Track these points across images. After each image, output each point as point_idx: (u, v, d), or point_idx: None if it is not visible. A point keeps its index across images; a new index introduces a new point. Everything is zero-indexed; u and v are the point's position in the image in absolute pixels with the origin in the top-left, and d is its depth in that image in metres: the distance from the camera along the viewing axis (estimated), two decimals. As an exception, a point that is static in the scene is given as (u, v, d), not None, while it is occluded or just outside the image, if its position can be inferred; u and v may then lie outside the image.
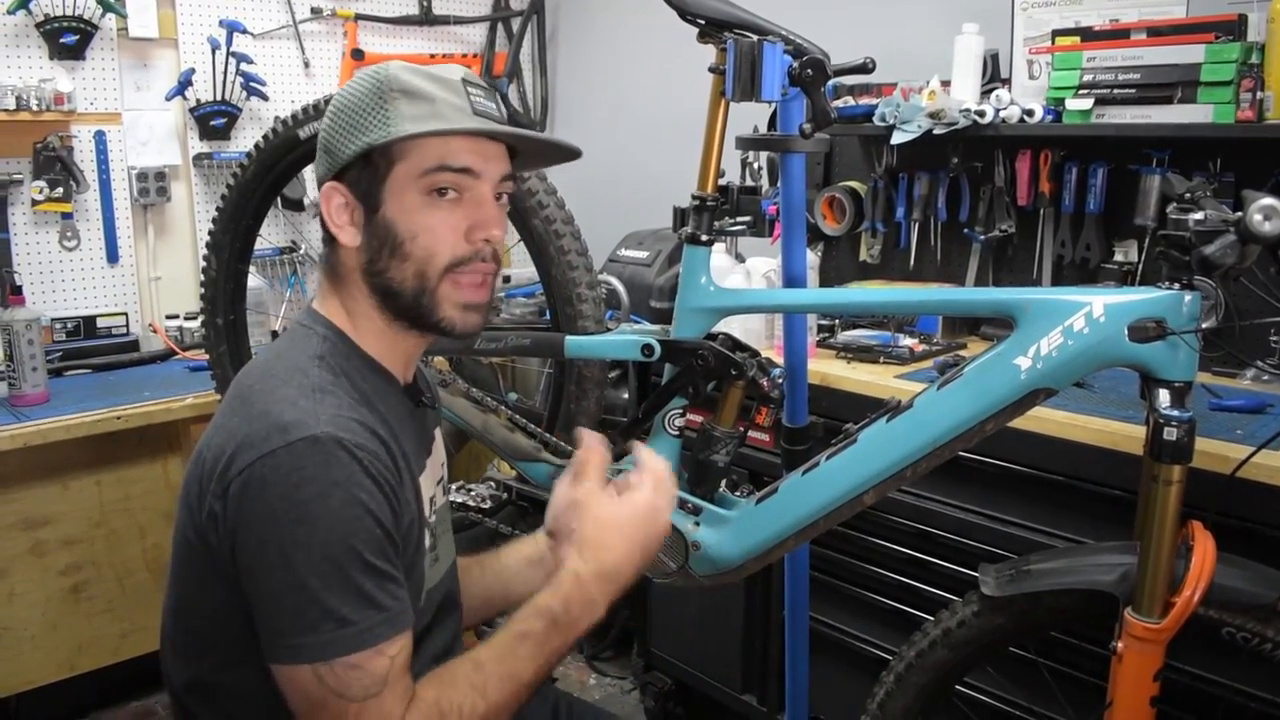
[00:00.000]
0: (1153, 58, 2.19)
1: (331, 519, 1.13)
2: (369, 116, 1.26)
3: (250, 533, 1.14)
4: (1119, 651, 1.47)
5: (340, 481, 1.14)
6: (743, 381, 1.71)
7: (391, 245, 1.27)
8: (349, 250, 1.30)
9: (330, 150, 1.30)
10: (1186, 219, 1.39)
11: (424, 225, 1.27)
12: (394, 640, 1.16)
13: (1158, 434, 1.38)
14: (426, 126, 1.25)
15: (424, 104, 1.26)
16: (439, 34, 3.91)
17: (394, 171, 1.26)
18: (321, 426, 1.15)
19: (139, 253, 3.32)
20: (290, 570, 1.12)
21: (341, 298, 1.33)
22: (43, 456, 2.58)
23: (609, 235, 3.16)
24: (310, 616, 1.12)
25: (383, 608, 1.16)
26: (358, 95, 1.28)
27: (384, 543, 1.17)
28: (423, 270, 1.27)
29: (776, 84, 1.60)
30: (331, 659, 1.12)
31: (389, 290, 1.29)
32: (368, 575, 1.15)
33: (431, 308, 1.29)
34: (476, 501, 1.96)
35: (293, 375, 1.23)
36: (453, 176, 1.27)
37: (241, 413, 1.20)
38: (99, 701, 2.98)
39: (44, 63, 3.06)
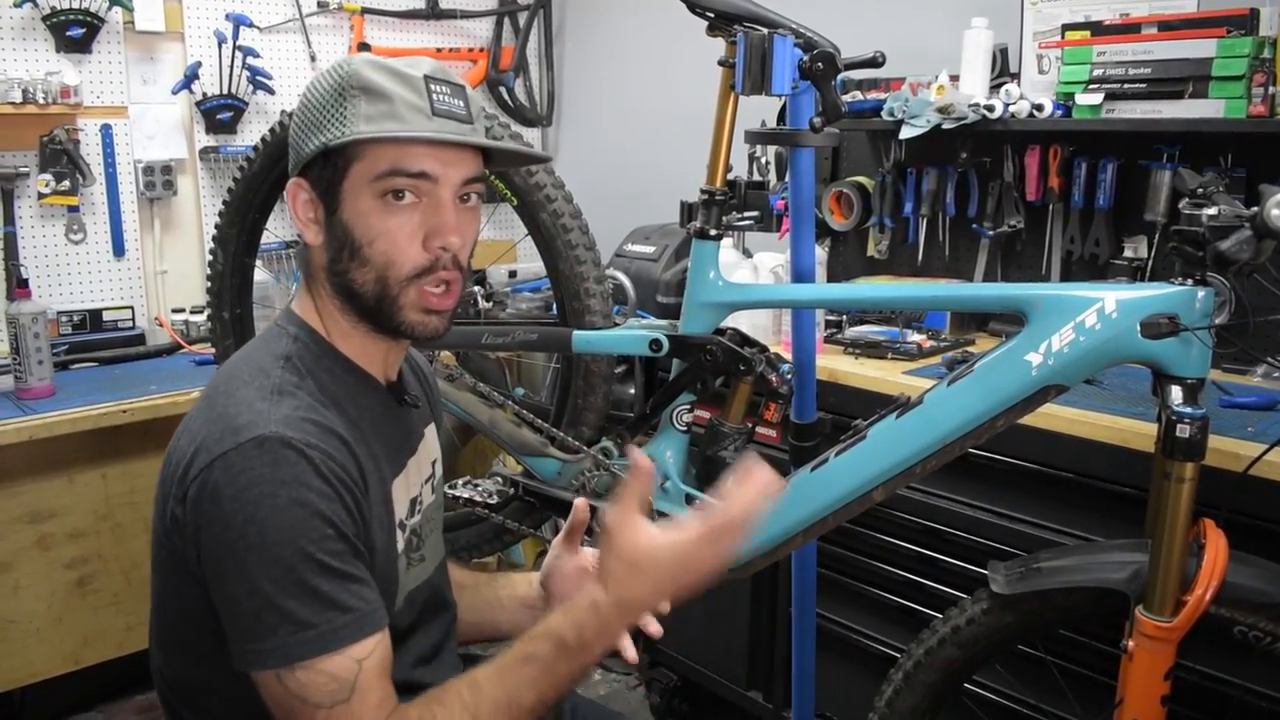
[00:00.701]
0: (1163, 52, 2.17)
1: (279, 519, 1.10)
2: (328, 113, 1.22)
3: (208, 536, 1.13)
4: (1130, 650, 1.46)
5: (287, 481, 1.12)
6: (751, 377, 1.70)
7: (351, 248, 1.23)
8: (314, 249, 1.28)
9: (294, 145, 1.27)
10: (1200, 214, 1.38)
11: (380, 230, 1.22)
12: (361, 643, 1.13)
13: (1170, 431, 1.37)
14: (379, 128, 1.20)
15: (381, 103, 1.21)
16: (445, 28, 3.90)
17: (350, 172, 1.22)
18: (271, 426, 1.13)
19: (145, 246, 3.32)
20: (245, 574, 1.10)
21: (313, 296, 1.31)
22: (48, 450, 2.58)
23: (616, 230, 3.15)
24: (268, 620, 1.10)
25: (347, 608, 1.13)
26: (321, 91, 1.25)
27: (341, 544, 1.14)
28: (383, 277, 1.23)
29: (787, 77, 1.59)
30: (293, 663, 1.10)
31: (351, 291, 1.26)
32: (323, 576, 1.12)
33: (392, 313, 1.25)
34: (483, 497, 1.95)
35: (255, 376, 1.21)
36: (408, 181, 1.21)
37: (204, 414, 1.19)
38: (105, 695, 2.98)
39: (50, 56, 3.06)
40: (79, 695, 2.93)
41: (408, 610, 1.34)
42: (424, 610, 1.39)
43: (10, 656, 2.60)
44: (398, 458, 1.35)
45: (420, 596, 1.37)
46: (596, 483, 1.82)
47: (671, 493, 1.76)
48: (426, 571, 1.40)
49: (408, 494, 1.36)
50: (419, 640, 1.37)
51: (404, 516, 1.34)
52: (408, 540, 1.34)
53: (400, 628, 1.32)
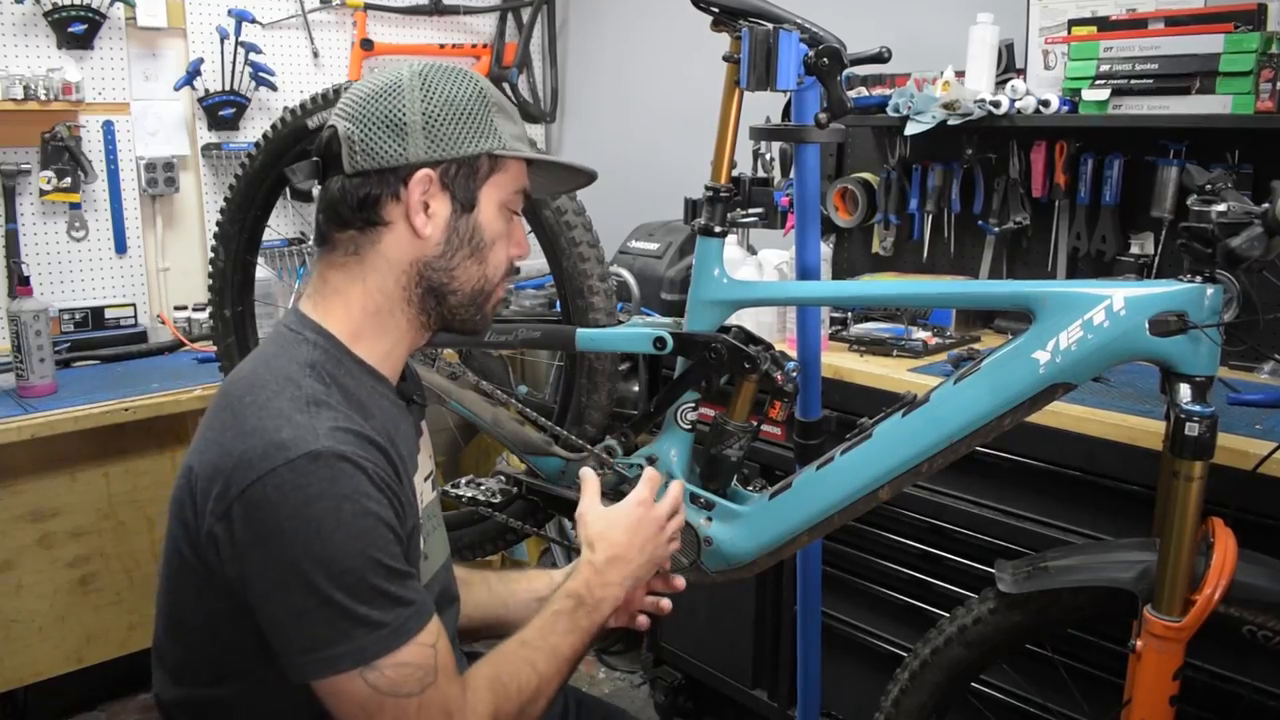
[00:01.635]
0: (1170, 48, 2.16)
1: (346, 532, 1.12)
2: (480, 120, 1.29)
3: (263, 554, 1.12)
4: (1138, 650, 1.45)
5: (349, 494, 1.13)
6: (756, 375, 1.69)
7: (474, 247, 1.31)
8: (407, 241, 1.28)
9: (436, 137, 1.26)
10: (1209, 211, 1.37)
11: (502, 235, 1.34)
12: (428, 629, 1.18)
13: (1179, 430, 1.36)
14: (525, 150, 1.33)
15: (513, 124, 1.33)
16: (448, 24, 3.89)
17: (492, 179, 1.31)
18: (321, 441, 1.13)
19: (147, 243, 3.31)
20: (313, 588, 1.11)
21: (359, 292, 1.29)
22: (50, 448, 2.57)
23: (619, 227, 3.14)
24: (342, 627, 1.12)
25: (409, 602, 1.17)
26: (464, 95, 1.28)
27: (396, 546, 1.18)
28: (491, 276, 1.34)
29: (792, 73, 1.58)
30: (373, 661, 1.13)
31: (446, 289, 1.31)
32: (390, 579, 1.15)
33: (481, 305, 1.35)
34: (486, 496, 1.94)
35: (284, 387, 1.19)
36: (523, 201, 1.38)
37: (234, 428, 1.17)
38: (107, 694, 2.98)
39: (52, 52, 3.05)
40: (82, 694, 2.92)
41: None
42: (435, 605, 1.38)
43: (13, 655, 2.60)
44: (413, 457, 1.37)
45: (432, 591, 1.37)
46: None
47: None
48: (432, 569, 1.40)
49: (418, 492, 1.37)
50: None
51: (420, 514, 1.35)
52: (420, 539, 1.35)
53: None
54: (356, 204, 1.26)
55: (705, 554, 1.71)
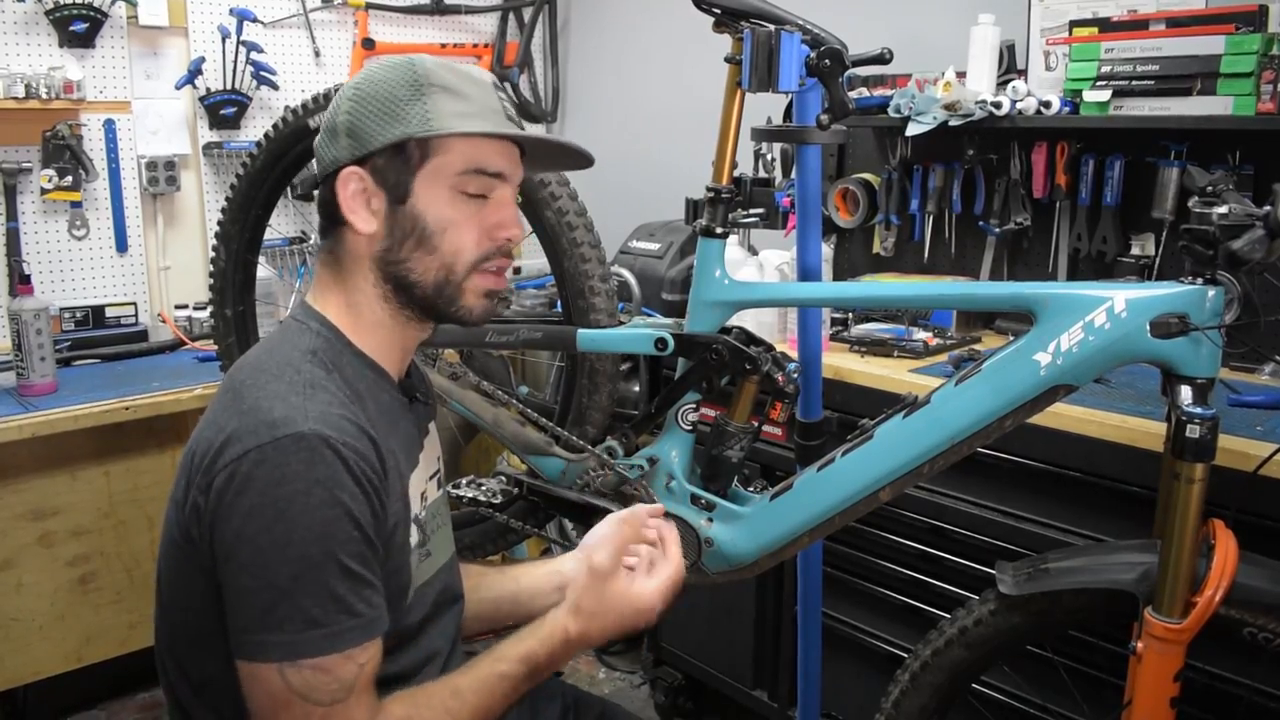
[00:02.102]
0: (1172, 49, 2.16)
1: (310, 518, 1.12)
2: (406, 106, 1.26)
3: (228, 526, 1.13)
4: (1139, 651, 1.45)
5: (322, 480, 1.13)
6: (757, 376, 1.69)
7: (418, 237, 1.28)
8: (361, 238, 1.29)
9: (356, 134, 1.27)
10: (1210, 213, 1.37)
11: (452, 221, 1.28)
12: (365, 647, 1.16)
13: (1180, 431, 1.36)
14: (472, 125, 1.27)
15: (463, 102, 1.27)
16: (450, 23, 3.89)
17: (428, 165, 1.27)
18: (309, 424, 1.15)
19: (148, 242, 3.31)
20: (264, 566, 1.12)
21: (344, 289, 1.32)
22: (51, 447, 2.57)
23: (620, 227, 3.14)
24: (279, 614, 1.12)
25: (355, 613, 1.15)
26: (391, 83, 1.27)
27: (363, 546, 1.17)
28: (450, 265, 1.29)
29: (794, 74, 1.58)
30: (298, 660, 1.12)
31: (406, 281, 1.29)
32: (342, 578, 1.14)
33: (454, 297, 1.31)
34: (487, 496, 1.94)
35: (284, 370, 1.22)
36: (486, 180, 1.29)
37: (232, 407, 1.19)
38: (107, 693, 2.98)
39: (53, 50, 3.05)
40: (81, 693, 2.92)
41: (419, 605, 1.34)
42: (436, 605, 1.39)
43: (13, 654, 2.59)
44: (411, 454, 1.37)
45: (432, 591, 1.38)
46: (601, 482, 1.82)
47: (677, 492, 1.75)
48: (435, 566, 1.40)
49: (419, 489, 1.37)
50: (431, 635, 1.38)
51: (417, 511, 1.35)
52: (420, 535, 1.35)
53: (413, 622, 1.33)
54: (321, 207, 1.32)
55: (706, 555, 1.71)
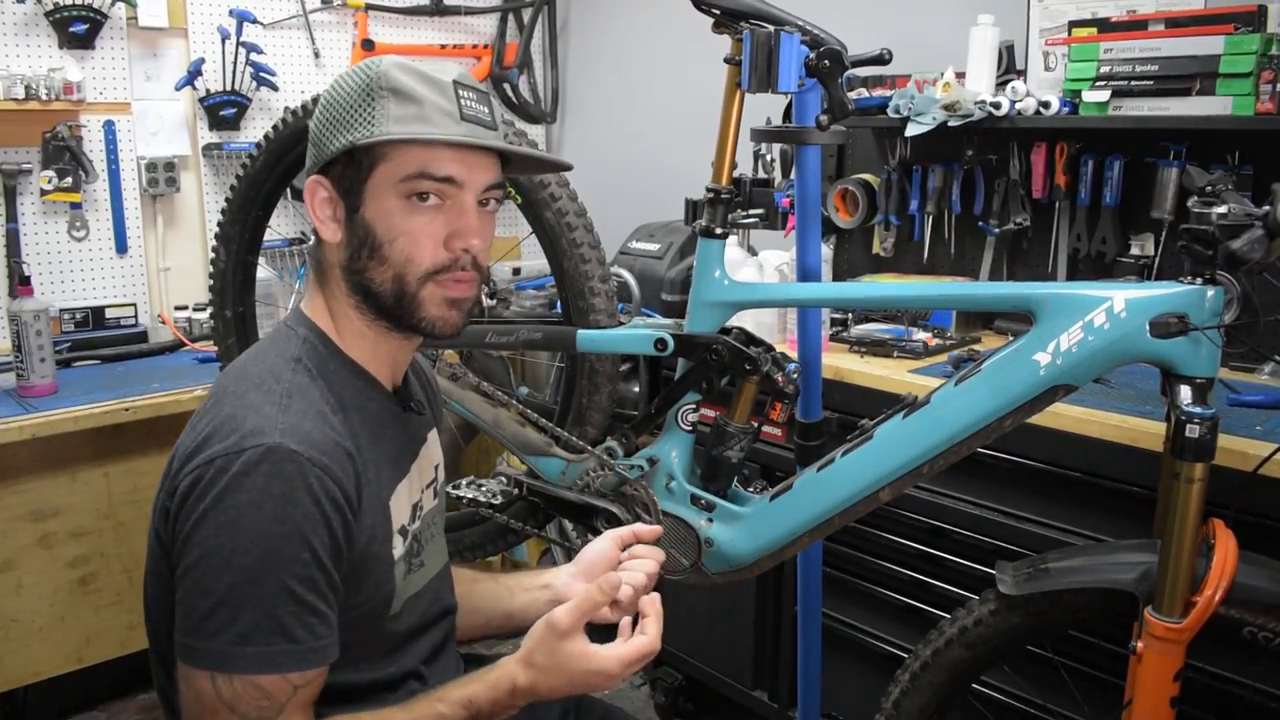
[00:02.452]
0: (1171, 49, 2.16)
1: (257, 530, 1.11)
2: (355, 113, 1.24)
3: (183, 529, 1.13)
4: (1139, 651, 1.45)
5: (277, 495, 1.12)
6: (757, 376, 1.69)
7: (370, 246, 1.25)
8: (330, 246, 1.29)
9: (316, 143, 1.28)
10: (1210, 213, 1.37)
11: (402, 230, 1.24)
12: (301, 673, 1.14)
13: (1180, 431, 1.36)
14: (409, 130, 1.22)
15: (411, 105, 1.23)
16: (449, 24, 3.89)
17: (375, 172, 1.24)
18: (277, 436, 1.13)
19: (148, 243, 3.31)
20: (205, 572, 1.11)
21: (325, 296, 1.31)
22: (51, 448, 2.57)
23: (620, 227, 3.14)
24: (214, 623, 1.11)
25: (292, 638, 1.12)
26: (347, 90, 1.26)
27: (312, 570, 1.14)
28: (401, 275, 1.25)
29: (794, 75, 1.59)
30: (230, 672, 1.10)
31: (368, 290, 1.27)
32: (283, 599, 1.12)
33: (412, 309, 1.26)
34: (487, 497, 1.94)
35: (265, 379, 1.21)
36: (434, 184, 1.24)
37: (211, 412, 1.19)
38: (107, 693, 2.97)
39: (53, 52, 3.05)
40: (82, 694, 2.92)
41: (407, 615, 1.33)
42: (425, 615, 1.38)
43: (13, 655, 2.59)
44: (400, 463, 1.35)
45: (421, 602, 1.36)
46: (601, 482, 1.82)
47: (677, 493, 1.75)
48: (427, 577, 1.39)
49: (409, 499, 1.35)
50: (419, 644, 1.37)
51: (405, 523, 1.33)
52: (408, 547, 1.33)
53: (400, 632, 1.32)
54: None
55: (706, 555, 1.71)
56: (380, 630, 1.29)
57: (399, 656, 1.32)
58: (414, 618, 1.35)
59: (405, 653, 1.33)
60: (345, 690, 1.23)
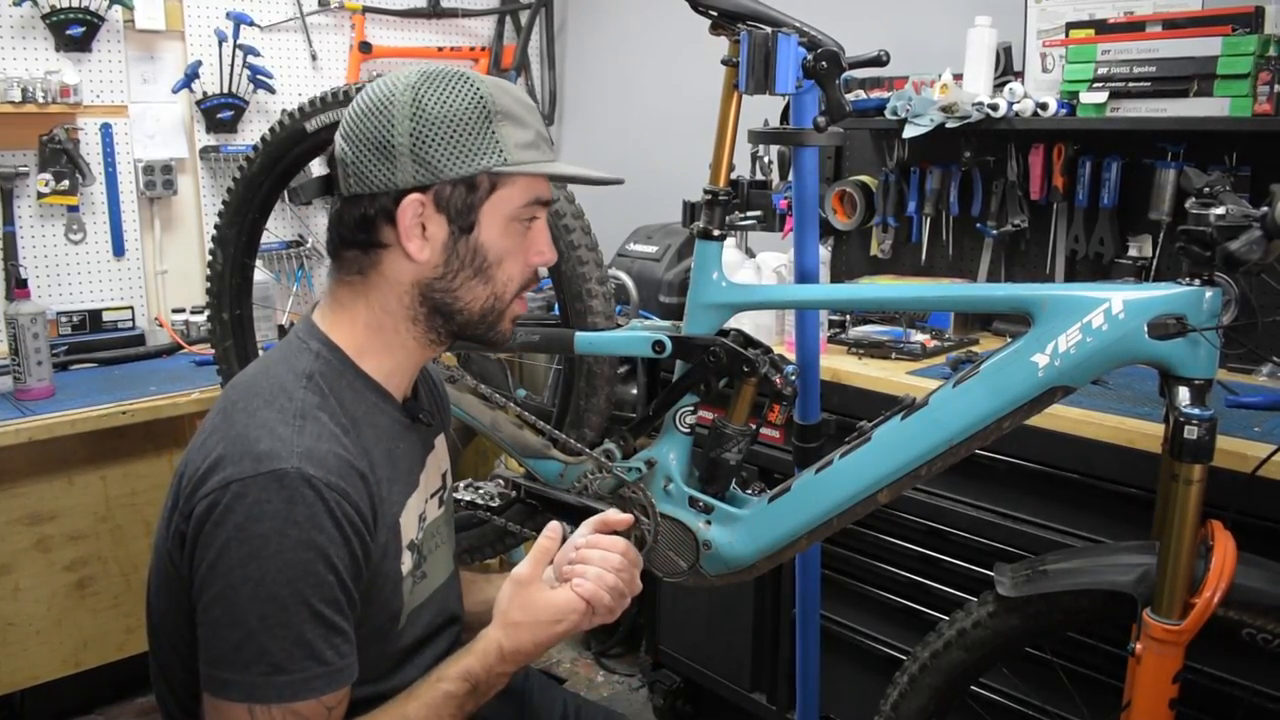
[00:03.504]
0: (1168, 50, 2.16)
1: (284, 559, 1.10)
2: (478, 137, 1.22)
3: (204, 556, 1.12)
4: (1137, 653, 1.45)
5: (300, 521, 1.11)
6: (755, 378, 1.69)
7: (476, 266, 1.26)
8: (408, 264, 1.25)
9: (425, 161, 1.21)
10: (1207, 214, 1.37)
11: (509, 252, 1.28)
12: (333, 694, 1.15)
13: (1178, 433, 1.36)
14: (533, 158, 1.26)
15: (524, 131, 1.26)
16: (447, 27, 3.89)
17: (495, 196, 1.25)
18: (294, 460, 1.13)
19: (145, 246, 3.31)
20: (233, 604, 1.10)
21: (367, 309, 1.28)
22: (48, 451, 2.57)
23: (618, 229, 3.14)
24: (245, 654, 1.10)
25: (323, 661, 1.13)
26: (459, 108, 1.22)
27: (337, 592, 1.14)
28: (500, 294, 1.29)
29: (791, 76, 1.58)
30: (267, 703, 1.11)
31: (451, 309, 1.28)
32: (313, 624, 1.12)
33: (495, 323, 1.31)
34: (485, 500, 1.94)
35: (276, 396, 1.20)
36: (542, 209, 1.31)
37: (221, 430, 1.18)
38: (105, 697, 2.97)
39: (50, 55, 3.04)
40: (79, 698, 2.91)
41: (411, 628, 1.33)
42: (429, 626, 1.37)
43: (10, 659, 2.59)
44: (411, 476, 1.34)
45: (426, 613, 1.36)
46: (599, 485, 1.81)
47: (675, 495, 1.75)
48: (431, 587, 1.38)
49: (417, 511, 1.35)
50: (424, 656, 1.36)
51: (414, 537, 1.33)
52: (414, 560, 1.33)
53: (406, 645, 1.32)
54: (354, 225, 1.25)
55: (704, 557, 1.70)
56: (386, 646, 1.28)
57: (404, 670, 1.31)
58: (419, 629, 1.35)
59: (410, 665, 1.33)
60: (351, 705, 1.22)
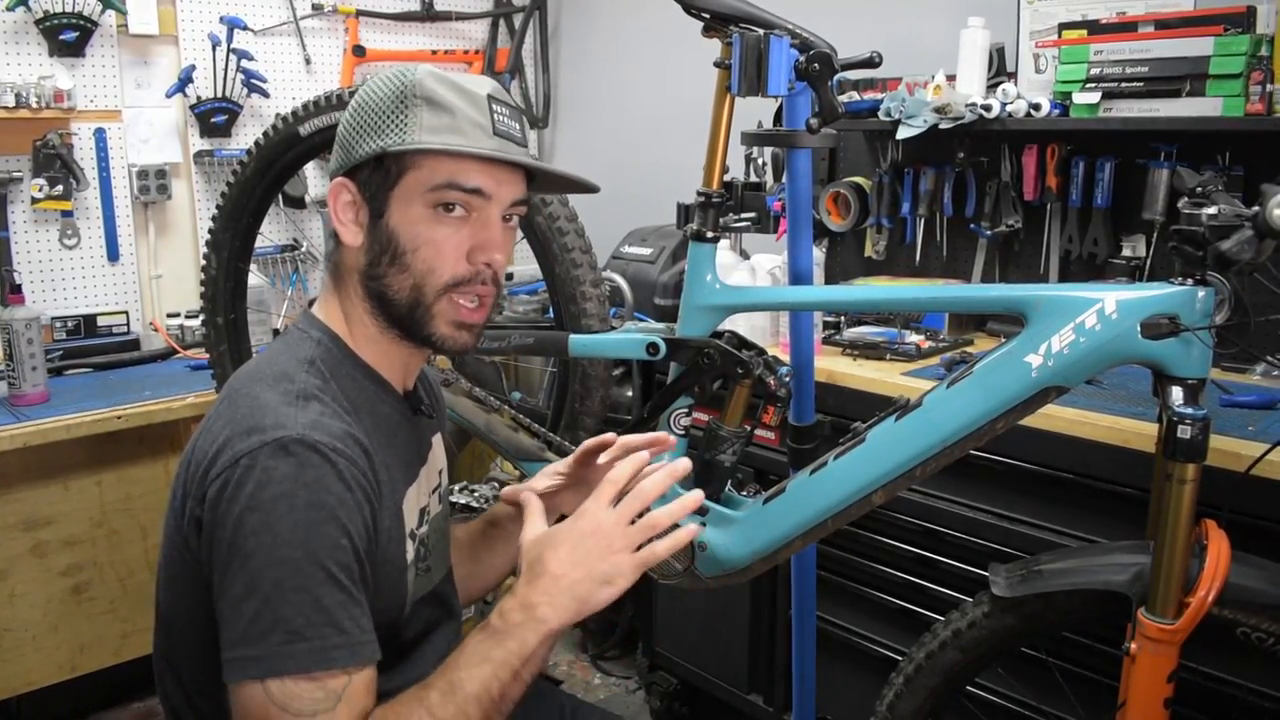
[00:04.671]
0: (1161, 50, 2.16)
1: (294, 520, 1.09)
2: (388, 119, 1.24)
3: (222, 534, 1.11)
4: (1132, 652, 1.45)
5: (309, 483, 1.11)
6: (749, 380, 1.69)
7: (392, 253, 1.25)
8: (350, 250, 1.29)
9: (345, 146, 1.28)
10: (1200, 214, 1.37)
11: (426, 239, 1.24)
12: (356, 668, 1.11)
13: (1172, 432, 1.36)
14: (442, 140, 1.22)
15: (445, 115, 1.23)
16: (441, 30, 3.89)
17: (404, 180, 1.24)
18: (297, 429, 1.13)
19: (140, 251, 3.30)
20: (249, 573, 1.09)
21: (340, 299, 1.31)
22: (43, 456, 2.57)
23: (612, 232, 3.14)
24: (262, 624, 1.08)
25: (343, 630, 1.10)
26: (381, 95, 1.26)
27: (350, 558, 1.12)
28: (420, 285, 1.25)
29: (783, 78, 1.59)
30: (282, 674, 1.07)
31: (384, 297, 1.27)
32: (329, 587, 1.10)
33: (424, 322, 1.27)
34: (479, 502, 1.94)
35: (279, 381, 1.21)
36: (462, 195, 1.24)
37: (225, 415, 1.18)
38: (101, 703, 2.97)
39: (44, 60, 3.04)
40: (75, 703, 2.91)
41: (415, 621, 1.33)
42: (429, 620, 1.38)
43: (6, 665, 2.59)
44: (411, 468, 1.35)
45: (427, 607, 1.37)
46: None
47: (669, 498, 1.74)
48: (433, 581, 1.39)
49: (418, 504, 1.36)
50: (424, 650, 1.36)
51: (415, 526, 1.33)
52: (416, 550, 1.33)
53: (407, 637, 1.32)
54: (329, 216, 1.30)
55: (699, 559, 1.70)
56: (392, 637, 1.28)
57: (407, 666, 1.31)
58: (421, 623, 1.35)
59: (412, 661, 1.33)
60: None
